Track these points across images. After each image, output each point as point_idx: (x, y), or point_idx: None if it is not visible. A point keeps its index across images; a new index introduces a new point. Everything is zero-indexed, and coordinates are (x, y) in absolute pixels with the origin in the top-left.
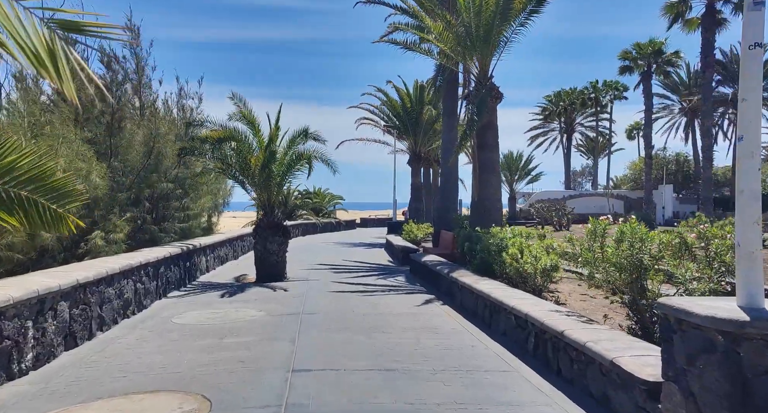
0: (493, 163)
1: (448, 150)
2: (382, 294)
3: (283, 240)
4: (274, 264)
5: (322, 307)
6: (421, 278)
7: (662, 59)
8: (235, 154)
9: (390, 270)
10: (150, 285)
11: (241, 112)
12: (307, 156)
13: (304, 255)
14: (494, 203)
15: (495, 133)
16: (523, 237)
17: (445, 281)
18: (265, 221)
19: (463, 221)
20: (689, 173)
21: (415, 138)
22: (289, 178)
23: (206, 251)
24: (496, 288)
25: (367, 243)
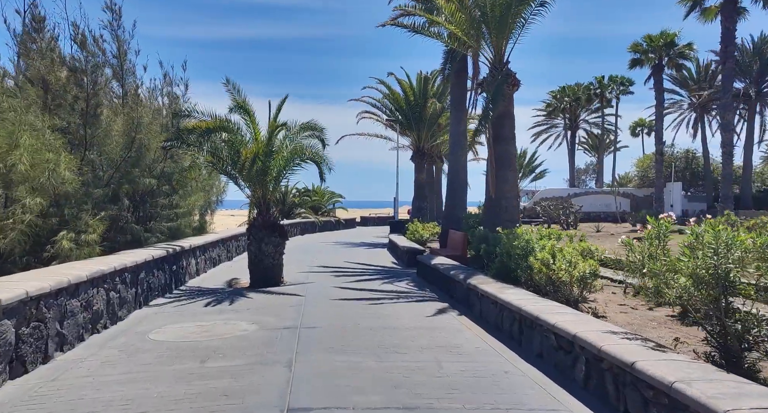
0: (509, 157)
1: (457, 144)
2: (389, 302)
3: (279, 241)
4: (270, 268)
5: (323, 319)
6: (431, 283)
7: (674, 51)
8: (227, 147)
9: (395, 274)
10: (127, 293)
11: (235, 100)
12: (312, 153)
13: (302, 256)
14: (511, 201)
15: (512, 123)
16: (551, 239)
17: (460, 288)
18: (259, 220)
19: (473, 220)
20: (698, 170)
21: (419, 133)
22: (287, 173)
23: (196, 253)
24: (524, 299)
25: (368, 243)
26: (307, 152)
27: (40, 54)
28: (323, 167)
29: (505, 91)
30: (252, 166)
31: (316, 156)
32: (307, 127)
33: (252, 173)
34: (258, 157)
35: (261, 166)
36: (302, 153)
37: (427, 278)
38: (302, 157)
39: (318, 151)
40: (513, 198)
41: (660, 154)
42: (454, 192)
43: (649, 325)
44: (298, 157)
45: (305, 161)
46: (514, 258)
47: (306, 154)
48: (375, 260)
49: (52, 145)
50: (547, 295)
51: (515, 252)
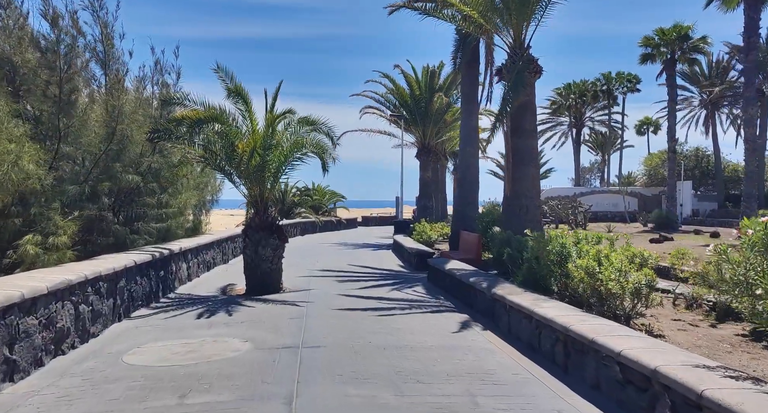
0: (530, 152)
1: (467, 139)
2: (401, 312)
3: (278, 243)
4: (267, 273)
5: (328, 335)
6: (444, 289)
7: (688, 45)
8: (221, 140)
9: (404, 278)
10: (103, 305)
11: (228, 87)
12: (314, 144)
13: (302, 258)
14: (531, 200)
15: (533, 115)
16: (591, 243)
17: (482, 298)
18: (256, 221)
19: (487, 221)
20: (708, 169)
21: (424, 129)
22: (286, 169)
23: (187, 256)
24: (568, 315)
25: (372, 244)
26: (309, 144)
27: (6, 32)
28: (326, 157)
29: (526, 79)
30: (249, 161)
31: (319, 147)
32: (310, 121)
33: (249, 169)
34: (256, 151)
35: (259, 161)
36: (303, 145)
37: (440, 284)
38: (304, 150)
39: (320, 141)
40: (534, 197)
41: (673, 152)
42: (465, 190)
43: (721, 348)
44: (299, 150)
45: (307, 155)
46: (546, 264)
47: (308, 147)
48: (380, 263)
49: (12, 133)
50: (590, 309)
51: (548, 258)
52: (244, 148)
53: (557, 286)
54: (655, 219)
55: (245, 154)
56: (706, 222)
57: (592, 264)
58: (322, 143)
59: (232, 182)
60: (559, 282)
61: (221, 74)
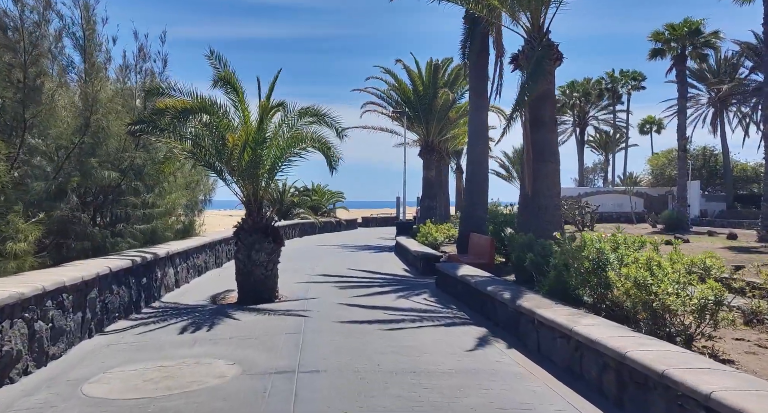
0: (550, 146)
1: (476, 135)
2: (411, 325)
3: (273, 247)
4: (262, 280)
5: (330, 356)
6: (456, 297)
7: (699, 40)
8: (210, 133)
9: (410, 284)
10: (67, 321)
11: (219, 74)
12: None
13: (301, 262)
14: (551, 200)
15: (552, 105)
16: (633, 248)
17: (503, 309)
18: (249, 222)
19: (500, 222)
20: (716, 168)
21: (428, 126)
22: (283, 166)
23: (175, 260)
24: (618, 337)
25: (373, 246)
26: (309, 139)
27: None
28: (332, 154)
29: (546, 66)
30: (240, 156)
31: (321, 142)
32: (311, 112)
33: (240, 165)
34: (248, 145)
35: (251, 157)
36: (302, 140)
37: (450, 291)
38: (302, 144)
39: (323, 135)
40: (554, 196)
41: (683, 150)
42: (474, 189)
43: None
44: (297, 145)
45: (306, 150)
46: (578, 272)
47: (308, 141)
48: (383, 267)
49: None
50: (636, 326)
51: (583, 266)
52: (235, 142)
53: (593, 297)
54: (666, 220)
55: (236, 148)
56: (715, 223)
57: (643, 274)
58: (325, 138)
59: (223, 180)
60: (596, 293)
61: (213, 61)
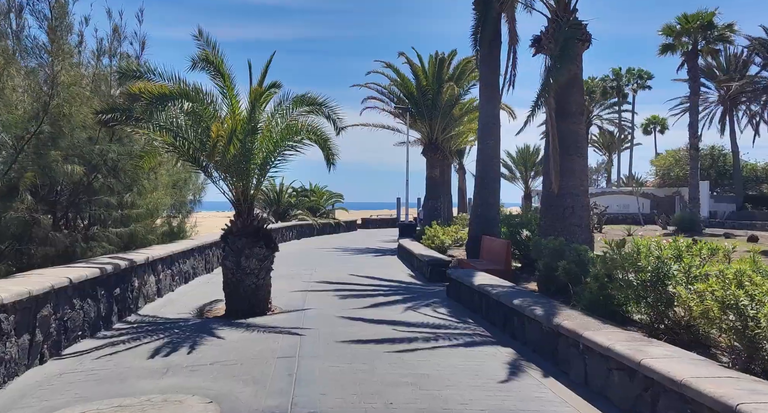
0: (577, 139)
1: (488, 130)
2: (425, 345)
3: (265, 253)
4: (252, 291)
5: (330, 390)
6: (472, 309)
7: (712, 34)
8: (192, 123)
9: (418, 293)
10: (9, 346)
11: (205, 56)
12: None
13: (298, 267)
14: (579, 199)
15: (580, 93)
16: (704, 257)
17: (534, 328)
18: (238, 225)
19: (516, 223)
20: (725, 169)
21: (431, 123)
22: (276, 160)
23: (157, 267)
24: (713, 379)
25: (374, 248)
26: (306, 130)
27: None
28: (330, 147)
29: (574, 49)
30: (226, 149)
31: (319, 134)
32: (307, 100)
33: (226, 159)
34: (235, 136)
35: (240, 150)
36: (298, 131)
37: (465, 301)
38: (298, 136)
39: (319, 128)
40: (582, 195)
41: (695, 149)
42: (486, 189)
43: None
44: (292, 137)
45: (302, 143)
46: (628, 285)
47: (304, 133)
48: (387, 272)
49: None
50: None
51: (639, 278)
52: (220, 133)
53: (648, 316)
54: (678, 221)
55: (221, 139)
56: (726, 224)
57: (735, 292)
58: (323, 129)
59: (209, 177)
60: (654, 311)
61: (201, 42)
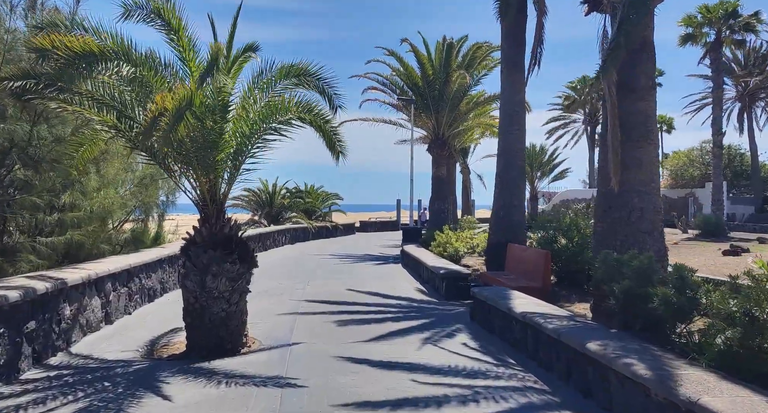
0: (646, 121)
1: (511, 119)
2: (462, 409)
3: (240, 270)
4: (221, 321)
5: None
6: (509, 341)
7: (737, 24)
8: (138, 95)
9: (434, 316)
10: None
11: (155, 5)
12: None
13: (288, 279)
14: (649, 199)
15: (651, 61)
16: None
17: (631, 391)
18: (204, 233)
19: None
20: (742, 169)
21: (438, 116)
22: (254, 147)
23: (104, 286)
24: None
25: (375, 255)
26: (295, 107)
27: None
28: (329, 131)
29: (645, 4)
30: (172, 128)
31: (315, 114)
32: (296, 70)
33: (186, 144)
34: (191, 112)
35: (201, 132)
36: (285, 110)
37: (497, 330)
38: (284, 116)
39: (312, 104)
40: (653, 193)
41: (719, 147)
42: (509, 187)
43: None
44: (276, 117)
45: (289, 124)
46: None
47: (293, 112)
48: (392, 285)
49: None
50: None
51: None
52: (166, 105)
53: None
54: (701, 224)
55: (165, 116)
56: (746, 227)
57: None
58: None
59: (165, 170)
60: None
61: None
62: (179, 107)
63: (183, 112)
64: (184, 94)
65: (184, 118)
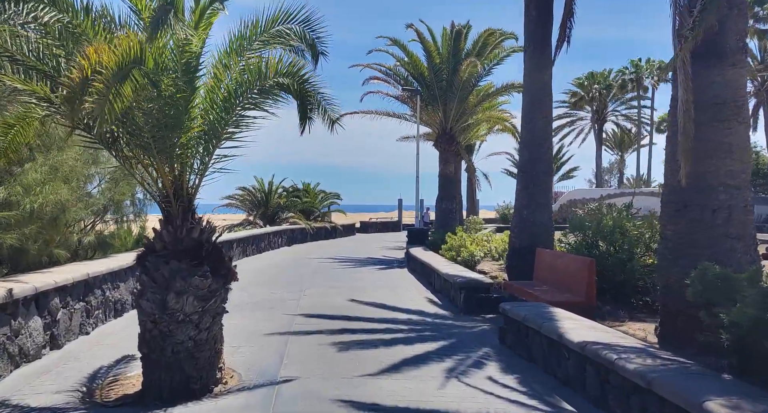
0: (735, 96)
1: (537, 105)
2: None
3: (212, 286)
4: (188, 353)
5: None
6: (558, 376)
7: (761, 11)
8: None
9: (453, 336)
10: None
11: None
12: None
13: (282, 287)
14: (738, 195)
15: (743, 20)
16: None
17: None
18: (166, 238)
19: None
20: (758, 167)
21: (445, 108)
22: (231, 127)
23: (48, 302)
24: None
25: (378, 259)
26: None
27: None
28: (310, 92)
29: None
30: (117, 95)
31: (295, 74)
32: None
33: (138, 119)
34: (140, 71)
35: (159, 105)
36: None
37: (538, 359)
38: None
39: (294, 63)
40: (743, 187)
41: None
42: (534, 183)
43: None
44: (254, 85)
45: (275, 96)
46: None
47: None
48: (399, 294)
49: None
50: None
51: None
52: (101, 60)
53: None
54: None
55: (106, 73)
56: (765, 228)
57: None
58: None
59: (116, 156)
60: None
61: None
62: (122, 63)
63: (128, 72)
64: (129, 46)
65: (131, 79)
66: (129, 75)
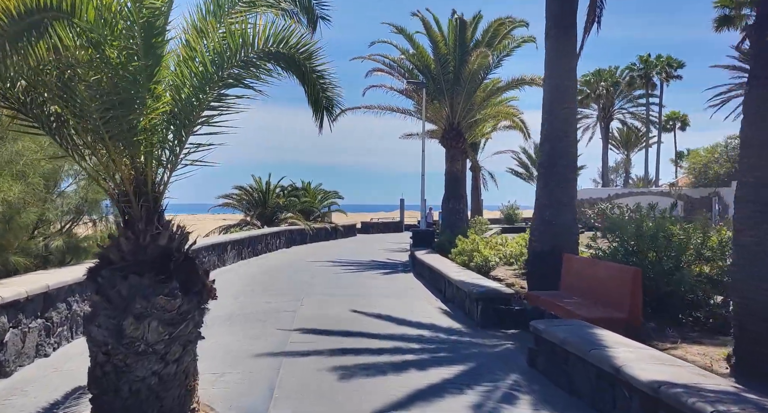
0: None
1: (561, 94)
2: None
3: (183, 307)
4: (151, 392)
5: None
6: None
7: None
8: None
9: (473, 357)
10: None
11: None
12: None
13: (278, 295)
14: None
15: None
16: None
17: None
18: (125, 247)
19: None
20: None
21: (453, 102)
22: (208, 104)
23: None
24: None
25: (381, 262)
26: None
27: None
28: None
29: None
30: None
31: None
32: None
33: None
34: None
35: (111, 75)
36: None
37: (584, 391)
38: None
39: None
40: None
41: None
42: (557, 181)
43: None
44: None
45: (265, 68)
46: None
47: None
48: (407, 304)
49: None
50: None
51: None
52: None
53: None
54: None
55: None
56: None
57: None
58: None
59: (60, 142)
60: None
61: None
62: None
63: (41, 20)
64: None
65: (50, 34)
66: (43, 27)
